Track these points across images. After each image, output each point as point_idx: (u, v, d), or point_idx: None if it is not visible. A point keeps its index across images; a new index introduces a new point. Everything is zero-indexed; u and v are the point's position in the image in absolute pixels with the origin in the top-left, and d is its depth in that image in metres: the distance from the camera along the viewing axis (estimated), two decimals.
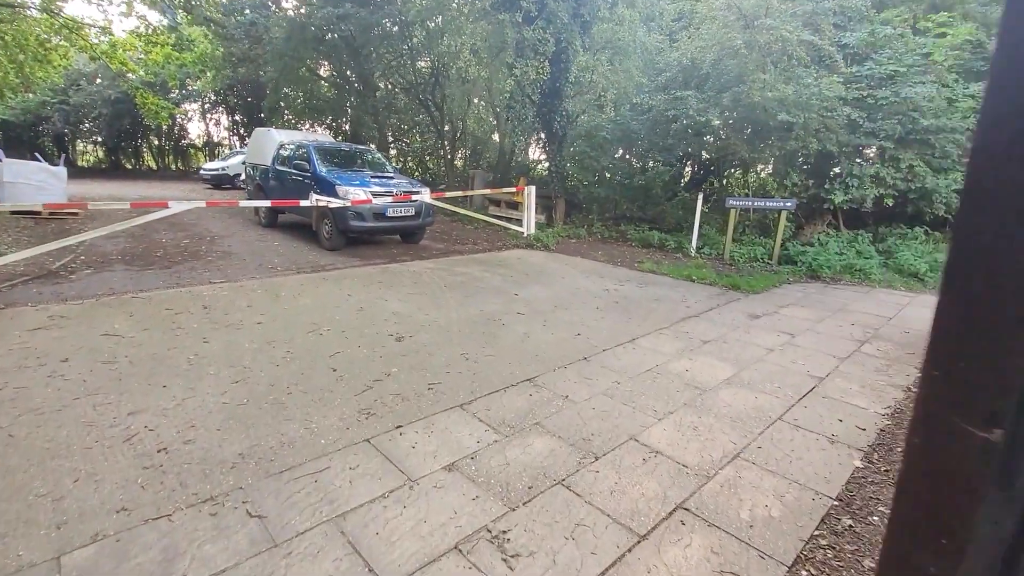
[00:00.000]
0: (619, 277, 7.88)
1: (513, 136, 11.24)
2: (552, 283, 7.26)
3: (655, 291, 7.09)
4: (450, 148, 15.44)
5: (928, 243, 9.15)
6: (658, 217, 12.38)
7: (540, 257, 9.27)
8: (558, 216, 12.20)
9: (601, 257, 9.41)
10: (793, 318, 6.09)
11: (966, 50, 8.87)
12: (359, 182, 8.65)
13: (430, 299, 6.09)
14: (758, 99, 7.50)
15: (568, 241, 11.00)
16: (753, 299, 6.95)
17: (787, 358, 4.72)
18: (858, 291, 7.77)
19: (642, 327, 5.44)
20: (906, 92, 7.80)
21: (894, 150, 8.55)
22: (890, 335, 5.58)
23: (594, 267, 8.58)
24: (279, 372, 3.82)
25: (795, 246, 9.33)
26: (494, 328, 5.15)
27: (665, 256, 9.76)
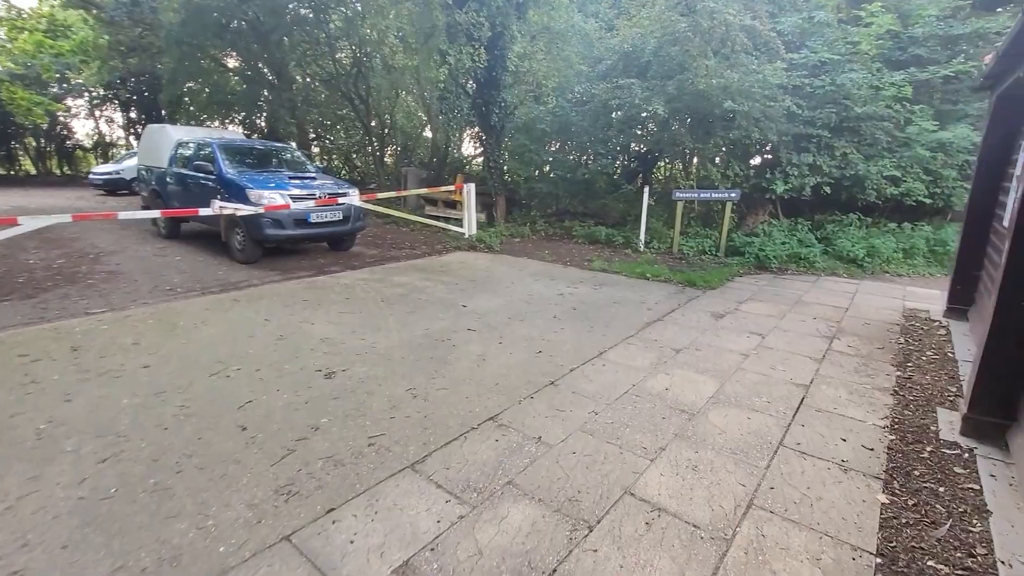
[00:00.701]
0: (572, 279, 7.38)
1: (447, 130, 10.48)
2: (502, 290, 6.62)
3: (612, 293, 6.65)
4: (379, 145, 14.35)
5: (862, 228, 9.37)
6: (601, 212, 12.08)
7: (485, 260, 8.61)
8: (499, 214, 11.57)
9: (549, 257, 8.90)
10: (756, 315, 5.83)
11: (887, 40, 9.10)
12: (275, 184, 7.58)
13: (366, 318, 5.27)
14: (703, 87, 7.24)
15: (512, 241, 10.41)
16: (711, 296, 6.68)
17: (765, 364, 4.37)
18: (806, 281, 7.74)
19: (607, 337, 4.93)
20: (841, 80, 7.83)
21: (829, 138, 8.63)
22: (853, 328, 5.43)
23: (544, 268, 8.04)
24: (167, 439, 2.93)
25: (740, 237, 9.26)
26: (444, 351, 4.44)
27: (614, 253, 9.40)
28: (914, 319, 5.78)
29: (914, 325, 5.54)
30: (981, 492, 2.63)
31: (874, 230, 9.43)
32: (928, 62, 9.48)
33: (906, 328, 5.46)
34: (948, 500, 2.57)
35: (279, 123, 15.24)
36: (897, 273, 8.55)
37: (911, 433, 3.24)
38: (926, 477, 2.77)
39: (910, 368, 4.33)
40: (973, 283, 5.52)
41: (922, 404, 3.65)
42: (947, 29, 9.48)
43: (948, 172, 9.08)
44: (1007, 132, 4.87)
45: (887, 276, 8.40)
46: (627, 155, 12.45)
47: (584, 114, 9.73)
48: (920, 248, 9.01)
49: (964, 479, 2.75)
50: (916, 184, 9.02)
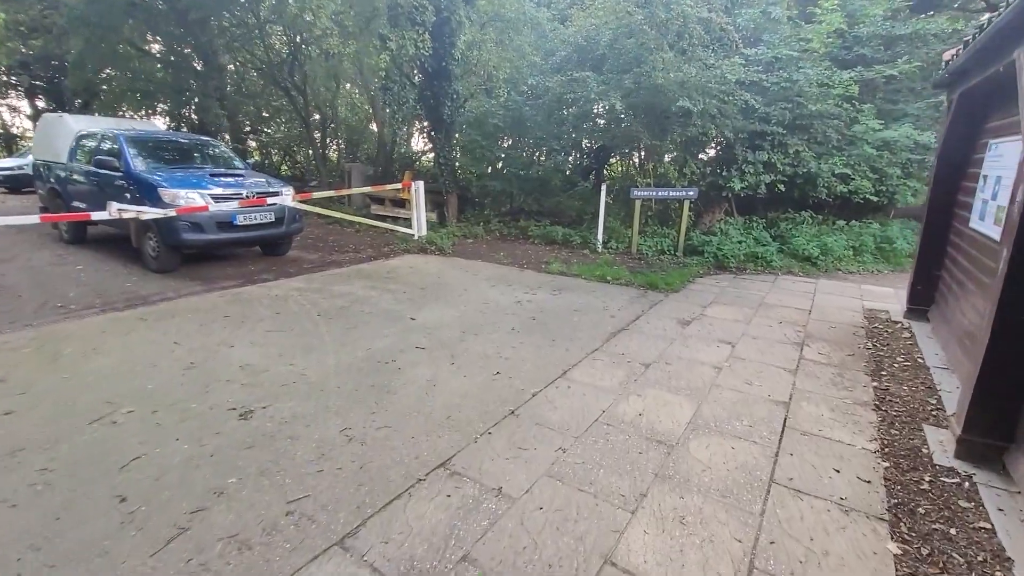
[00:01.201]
0: (529, 284, 6.92)
1: (392, 124, 9.79)
2: (455, 298, 6.08)
3: (572, 299, 6.24)
4: (320, 139, 13.38)
5: (814, 226, 9.42)
6: (556, 210, 11.71)
7: (436, 264, 8.02)
8: (451, 214, 10.98)
9: (504, 259, 8.41)
10: (723, 321, 5.57)
11: (835, 38, 9.15)
12: (193, 183, 6.70)
13: (298, 337, 4.60)
14: (662, 81, 6.95)
15: (465, 242, 9.85)
16: (675, 300, 6.39)
17: (739, 378, 4.06)
18: (765, 280, 7.63)
19: (571, 352, 4.49)
20: (796, 76, 7.76)
21: (784, 135, 8.58)
22: (820, 333, 5.25)
23: (499, 272, 7.54)
24: (12, 522, 2.23)
25: (698, 236, 9.11)
26: (387, 376, 3.87)
27: (572, 254, 9.03)
28: (876, 321, 5.68)
29: (878, 328, 5.42)
30: (995, 532, 2.36)
31: (824, 228, 9.52)
32: (872, 62, 9.65)
33: (871, 331, 5.34)
34: (963, 546, 2.28)
35: (208, 115, 13.96)
36: (848, 270, 8.62)
37: (904, 458, 2.97)
38: (933, 516, 2.48)
39: (885, 378, 4.13)
40: (933, 283, 5.47)
41: (907, 421, 3.42)
42: (889, 29, 9.68)
43: (893, 170, 9.26)
44: (969, 131, 4.78)
45: (840, 274, 8.44)
46: (579, 151, 12.14)
47: (538, 108, 9.29)
48: (868, 245, 9.14)
49: (973, 515, 2.48)
50: (864, 182, 9.14)
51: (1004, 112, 3.97)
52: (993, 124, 4.26)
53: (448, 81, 8.62)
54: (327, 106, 12.59)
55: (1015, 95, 3.73)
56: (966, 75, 4.23)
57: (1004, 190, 3.65)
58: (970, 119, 4.69)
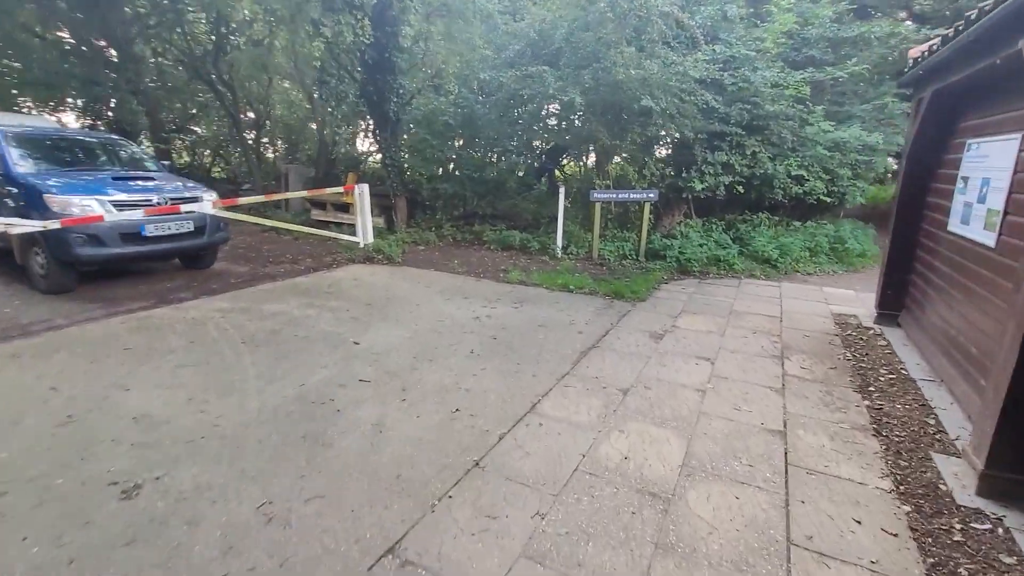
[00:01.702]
0: (487, 295, 6.36)
1: (332, 122, 8.99)
2: (406, 315, 5.44)
3: (535, 312, 5.73)
4: (255, 139, 12.27)
5: (771, 227, 9.37)
6: (512, 213, 11.20)
7: (384, 274, 7.32)
8: (400, 219, 10.25)
9: (459, 268, 7.81)
10: (696, 333, 5.21)
11: (787, 39, 9.12)
12: (92, 188, 5.73)
13: (214, 374, 3.84)
14: (622, 77, 6.58)
15: (416, 249, 9.17)
16: (643, 310, 6.01)
17: (726, 403, 3.66)
18: (730, 285, 7.40)
19: (539, 378, 3.97)
20: (755, 77, 7.60)
21: (742, 136, 8.43)
22: (797, 343, 4.98)
23: (454, 283, 6.94)
24: None
25: (659, 239, 8.84)
26: (323, 422, 3.21)
27: (531, 260, 8.54)
28: (848, 327, 5.50)
29: (851, 336, 5.22)
30: None
31: (781, 229, 9.49)
32: (820, 63, 9.73)
33: (846, 339, 5.13)
34: None
35: (124, 111, 12.53)
36: (807, 272, 8.58)
37: (924, 499, 2.63)
38: None
39: (875, 394, 3.86)
40: (903, 288, 5.33)
41: (912, 448, 3.10)
42: (835, 32, 9.79)
43: (844, 171, 9.34)
44: (941, 130, 4.62)
45: (799, 276, 8.38)
46: (530, 152, 11.70)
47: (491, 106, 8.76)
48: (823, 246, 9.16)
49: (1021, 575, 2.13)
50: (818, 183, 9.17)
51: (987, 109, 3.77)
52: (972, 123, 4.08)
53: (392, 75, 7.92)
54: (260, 102, 11.52)
55: (1003, 91, 3.52)
56: (944, 71, 4.03)
57: (995, 193, 3.43)
58: (943, 118, 4.53)
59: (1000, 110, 3.51)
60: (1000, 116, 3.51)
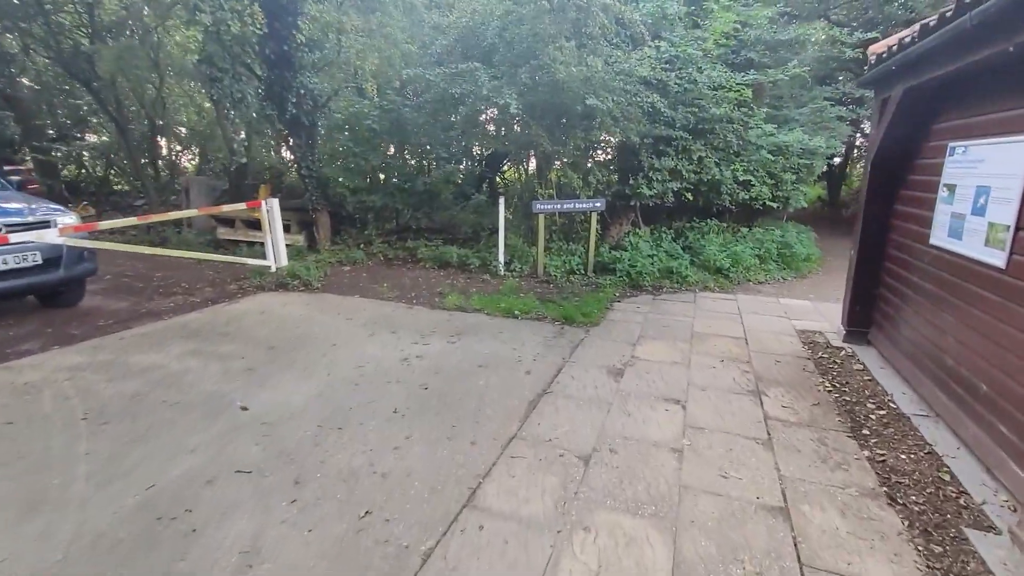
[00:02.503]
0: (420, 327, 5.47)
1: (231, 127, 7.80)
2: (318, 361, 4.45)
3: (475, 347, 4.91)
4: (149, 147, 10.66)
5: (720, 234, 9.03)
6: (450, 225, 10.35)
7: (299, 305, 6.25)
8: (323, 236, 9.14)
9: (389, 292, 6.85)
10: (659, 365, 4.56)
11: (728, 40, 8.83)
12: None
13: (26, 477, 2.74)
14: (563, 76, 5.91)
15: (341, 270, 8.11)
16: (597, 337, 5.32)
17: (710, 468, 2.99)
18: (685, 301, 6.89)
19: (479, 447, 3.15)
20: (701, 78, 7.17)
21: (689, 140, 8.01)
22: (769, 372, 4.44)
23: (382, 312, 5.99)
24: None
25: (607, 252, 8.26)
26: (167, 555, 2.22)
27: (470, 280, 7.70)
28: (817, 347, 5.05)
29: (824, 359, 4.76)
30: None
31: (729, 236, 9.19)
32: (759, 66, 9.54)
33: (819, 363, 4.65)
34: None
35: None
36: (758, 280, 8.26)
37: None
38: None
39: (870, 438, 3.31)
40: (871, 303, 4.93)
41: (939, 523, 2.53)
42: (773, 34, 9.64)
43: (787, 175, 9.17)
44: (913, 133, 4.21)
45: (751, 285, 8.03)
46: (471, 159, 10.91)
47: (421, 109, 7.88)
48: (772, 253, 8.92)
49: None
50: (763, 188, 8.93)
51: (979, 107, 3.33)
52: (953, 123, 3.66)
53: (294, 71, 6.85)
54: (154, 105, 9.97)
55: (1000, 86, 3.07)
56: (924, 65, 3.58)
57: (1000, 205, 2.96)
58: (916, 119, 4.12)
59: (1002, 107, 3.05)
60: (1001, 115, 3.05)
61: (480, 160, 11.61)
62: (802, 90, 10.40)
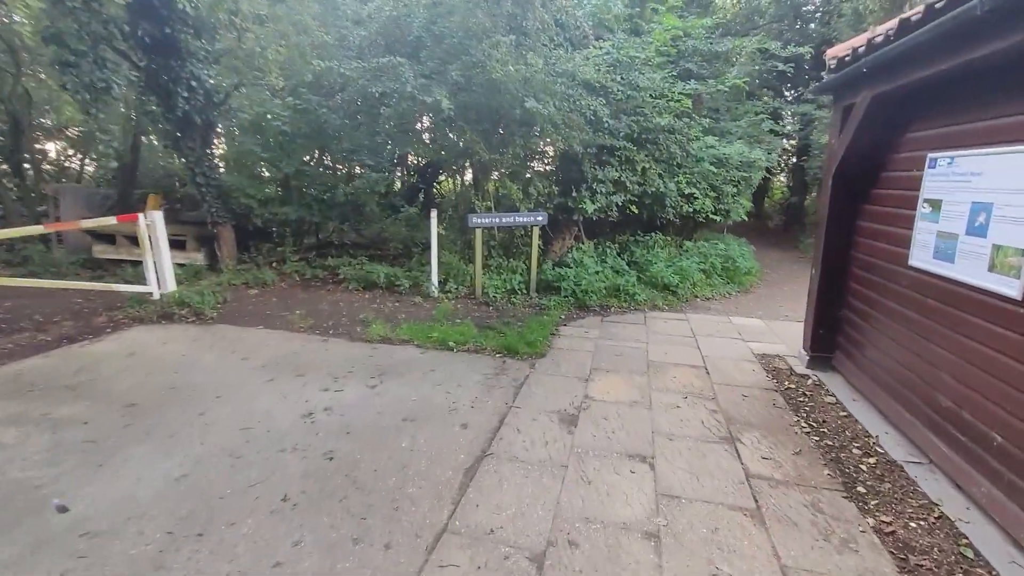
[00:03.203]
0: (335, 367, 4.54)
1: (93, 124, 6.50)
2: (189, 425, 3.44)
3: (400, 392, 4.06)
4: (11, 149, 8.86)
5: (665, 249, 8.69)
6: (380, 240, 9.40)
7: (183, 342, 5.12)
8: (226, 253, 7.91)
9: (302, 321, 5.83)
10: (618, 406, 3.93)
11: (671, 47, 8.55)
12: None
13: None
14: (499, 75, 5.23)
15: (246, 294, 6.95)
16: (544, 371, 4.63)
17: (698, 563, 2.33)
18: (635, 322, 6.38)
19: (397, 550, 2.33)
20: (644, 83, 6.74)
21: (634, 151, 7.58)
22: (739, 411, 3.92)
23: (289, 348, 4.99)
24: None
25: (550, 268, 7.65)
26: None
27: (400, 303, 6.80)
28: (781, 375, 4.62)
29: (791, 389, 4.32)
30: None
31: (674, 250, 8.87)
32: (697, 76, 9.38)
33: (787, 395, 4.19)
34: None
35: None
36: (705, 296, 7.94)
37: None
38: None
39: (870, 500, 2.81)
40: (834, 326, 4.57)
41: None
42: (710, 45, 9.53)
43: (728, 188, 9.00)
44: (881, 143, 3.86)
45: (699, 302, 7.69)
46: (405, 168, 10.02)
47: (340, 109, 6.94)
48: (717, 267, 8.68)
49: None
50: (707, 200, 8.69)
51: (968, 114, 2.95)
52: (933, 131, 3.29)
53: (180, 60, 5.74)
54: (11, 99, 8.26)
55: (1006, 87, 2.67)
56: (901, 68, 3.20)
57: (1010, 224, 2.54)
58: (885, 129, 3.76)
59: (1009, 111, 2.65)
60: (1008, 120, 2.65)
61: (415, 170, 10.73)
62: (737, 102, 10.38)
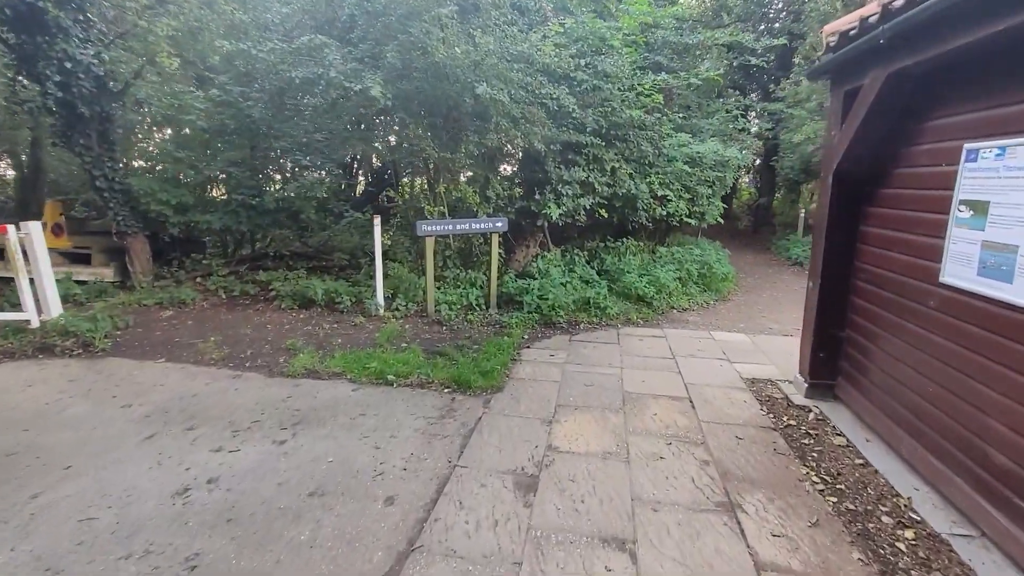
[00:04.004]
0: (239, 415, 3.64)
1: None
2: (14, 512, 2.49)
3: (316, 449, 3.20)
4: None
5: (637, 255, 8.02)
6: (325, 249, 8.46)
7: (55, 382, 4.11)
8: (140, 268, 6.85)
9: (215, 351, 4.88)
10: (588, 462, 3.16)
11: (640, 36, 7.90)
12: None
13: None
14: (443, 57, 4.42)
15: (157, 317, 5.93)
16: (499, 411, 3.83)
17: None
18: (607, 340, 5.65)
19: None
20: (610, 66, 6.03)
21: (603, 147, 6.88)
22: (735, 461, 3.21)
23: (186, 390, 4.05)
24: None
25: (512, 279, 6.87)
26: None
27: (339, 324, 5.90)
28: (777, 407, 3.95)
29: (791, 427, 3.64)
30: None
31: (647, 256, 8.23)
32: (668, 70, 8.79)
33: (788, 436, 3.51)
34: None
35: None
36: (682, 307, 7.29)
37: None
38: None
39: None
40: (835, 347, 3.93)
41: None
42: (680, 37, 8.95)
43: (703, 189, 8.42)
44: (895, 133, 3.22)
45: (675, 313, 7.04)
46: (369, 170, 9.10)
47: (264, 102, 6.00)
48: (692, 274, 8.06)
49: None
50: (681, 203, 8.08)
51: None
52: (974, 116, 2.64)
53: (49, 36, 4.71)
54: None
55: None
56: (932, 35, 2.54)
57: None
58: (902, 114, 3.12)
59: None
60: None
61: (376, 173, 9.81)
62: (708, 99, 9.85)
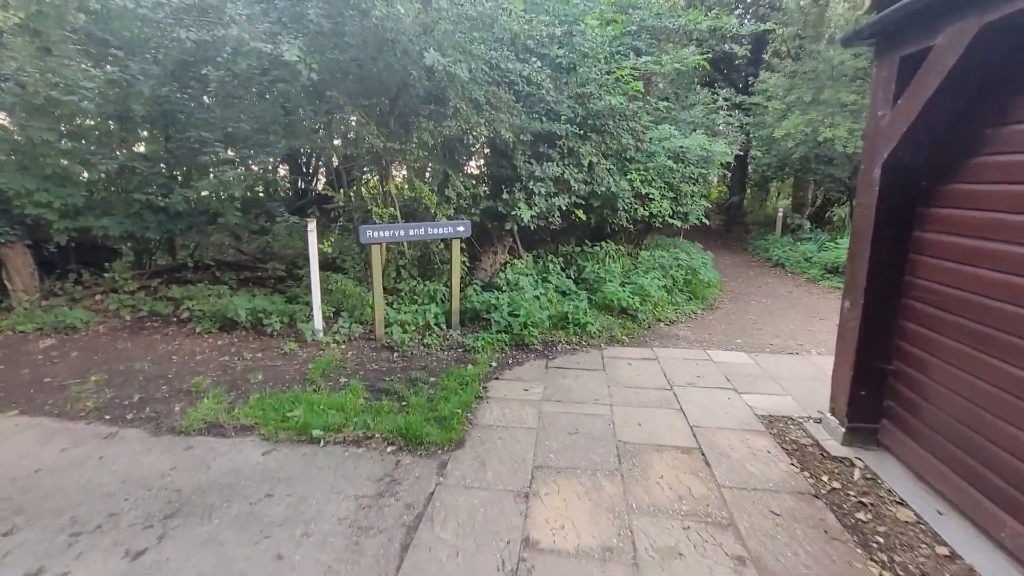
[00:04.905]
0: (86, 510, 2.56)
1: None
2: None
3: (183, 569, 2.17)
4: None
5: (618, 260, 7.18)
6: (265, 256, 7.33)
7: None
8: (21, 284, 5.59)
9: (90, 397, 3.75)
10: (578, 564, 2.25)
11: (619, 15, 7.05)
12: None
13: None
14: (381, 14, 3.42)
15: (32, 348, 4.72)
16: (458, 482, 2.88)
17: None
18: (591, 367, 4.77)
19: None
20: (585, 45, 5.16)
21: (581, 136, 6.00)
22: (778, 558, 2.36)
23: (29, 463, 2.93)
24: None
25: (478, 293, 5.92)
26: None
27: (264, 353, 4.80)
28: (812, 463, 3.13)
29: (838, 494, 2.82)
30: None
31: (627, 261, 7.41)
32: (646, 55, 7.99)
33: (838, 509, 2.69)
34: None
35: None
36: (669, 319, 6.50)
37: None
38: None
39: None
40: (879, 383, 3.15)
41: None
42: (658, 21, 8.17)
43: (686, 187, 7.65)
44: (977, 111, 2.42)
45: (662, 327, 6.23)
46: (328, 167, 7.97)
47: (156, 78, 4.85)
48: (678, 281, 7.30)
49: None
50: (665, 203, 7.28)
51: None
52: None
53: None
54: None
55: None
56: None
57: None
58: (986, 87, 2.32)
59: None
60: None
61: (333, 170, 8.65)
62: (688, 90, 9.13)
